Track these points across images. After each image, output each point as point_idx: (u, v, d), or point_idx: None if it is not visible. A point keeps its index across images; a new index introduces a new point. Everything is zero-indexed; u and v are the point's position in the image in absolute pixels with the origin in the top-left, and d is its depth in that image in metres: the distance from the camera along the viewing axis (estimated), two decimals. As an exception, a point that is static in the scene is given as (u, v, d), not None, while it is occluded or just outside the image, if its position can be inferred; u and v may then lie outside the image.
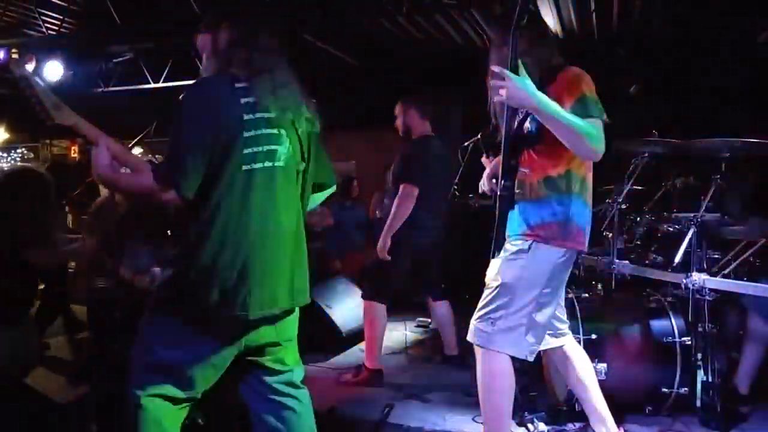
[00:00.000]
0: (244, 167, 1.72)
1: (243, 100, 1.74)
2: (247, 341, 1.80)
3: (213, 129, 1.69)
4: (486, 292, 2.16)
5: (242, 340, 1.79)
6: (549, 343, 2.36)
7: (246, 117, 1.74)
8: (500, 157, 2.07)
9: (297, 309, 1.93)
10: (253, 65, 1.79)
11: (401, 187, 3.57)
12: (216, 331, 1.75)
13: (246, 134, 1.73)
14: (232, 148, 1.71)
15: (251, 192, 1.73)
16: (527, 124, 2.12)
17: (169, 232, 4.40)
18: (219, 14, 1.89)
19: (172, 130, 1.72)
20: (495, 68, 1.94)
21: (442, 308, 3.98)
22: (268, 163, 1.77)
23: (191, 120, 1.70)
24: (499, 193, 2.07)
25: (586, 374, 2.42)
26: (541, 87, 2.01)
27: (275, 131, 1.79)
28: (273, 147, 1.78)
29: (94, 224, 3.50)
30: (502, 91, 1.92)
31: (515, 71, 1.92)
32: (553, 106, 1.92)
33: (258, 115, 1.76)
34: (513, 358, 2.12)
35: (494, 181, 2.28)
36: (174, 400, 1.77)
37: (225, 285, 1.69)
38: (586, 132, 1.92)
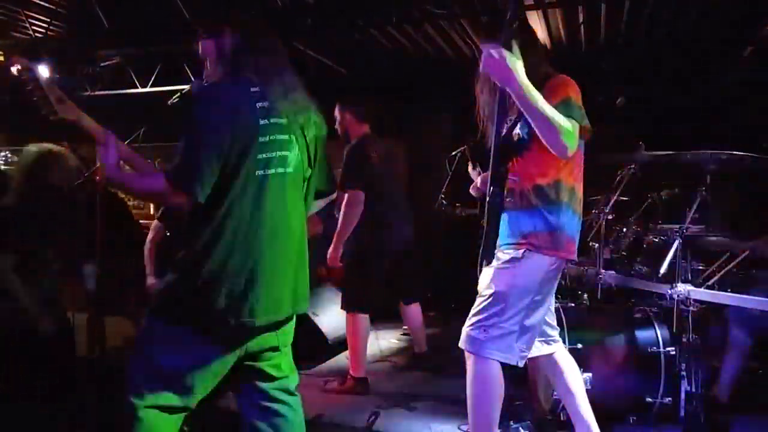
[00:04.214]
0: (258, 172, 1.71)
1: (258, 105, 1.73)
2: (250, 347, 1.77)
3: (230, 133, 1.66)
4: (478, 300, 2.16)
5: (245, 346, 1.76)
6: (540, 350, 2.35)
7: (261, 122, 1.72)
8: (489, 169, 2.07)
9: (294, 315, 1.91)
10: (263, 69, 1.77)
11: (345, 195, 3.54)
12: (220, 337, 1.71)
13: (261, 139, 1.72)
14: (247, 153, 1.69)
15: (263, 198, 1.71)
16: (517, 131, 2.12)
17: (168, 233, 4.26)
18: (220, 19, 1.86)
19: (185, 133, 1.68)
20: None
21: (413, 310, 4.02)
22: (280, 169, 1.76)
23: (208, 123, 1.66)
24: (487, 200, 2.07)
25: (574, 383, 2.42)
26: None
27: (287, 137, 1.78)
28: (284, 153, 1.77)
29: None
30: (486, 59, 1.90)
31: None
32: (534, 92, 1.91)
33: (272, 120, 1.75)
34: (501, 366, 2.12)
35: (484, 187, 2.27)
36: (171, 410, 1.72)
37: (233, 291, 1.66)
38: (562, 127, 1.92)
